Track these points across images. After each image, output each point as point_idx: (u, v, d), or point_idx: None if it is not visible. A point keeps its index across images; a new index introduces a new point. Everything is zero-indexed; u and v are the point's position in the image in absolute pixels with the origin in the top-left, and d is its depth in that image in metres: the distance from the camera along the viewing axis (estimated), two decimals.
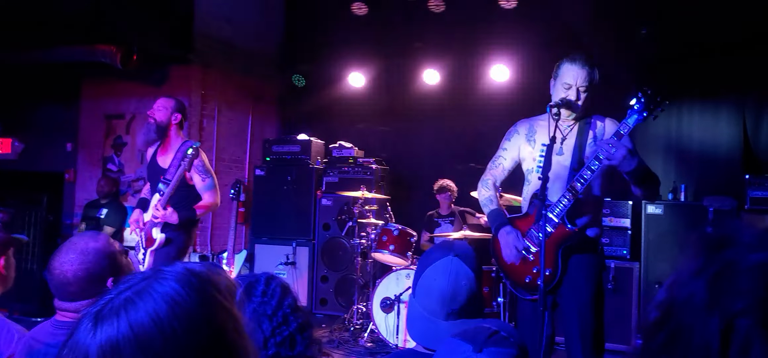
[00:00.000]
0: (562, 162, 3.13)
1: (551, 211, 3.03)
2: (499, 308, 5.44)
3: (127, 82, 7.41)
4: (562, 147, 3.14)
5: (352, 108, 7.86)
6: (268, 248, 7.20)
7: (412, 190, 7.48)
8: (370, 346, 5.62)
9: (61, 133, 7.79)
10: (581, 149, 3.11)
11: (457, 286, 1.85)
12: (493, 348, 1.38)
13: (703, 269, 0.63)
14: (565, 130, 3.15)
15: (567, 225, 3.03)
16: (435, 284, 1.88)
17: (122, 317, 0.83)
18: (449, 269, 1.87)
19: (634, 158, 2.84)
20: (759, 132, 6.14)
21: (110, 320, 0.83)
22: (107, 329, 0.82)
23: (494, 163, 3.40)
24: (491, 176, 3.37)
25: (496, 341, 1.40)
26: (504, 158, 3.36)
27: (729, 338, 0.58)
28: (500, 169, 3.37)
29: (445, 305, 1.84)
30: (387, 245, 5.71)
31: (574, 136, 3.15)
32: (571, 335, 3.10)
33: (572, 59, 3.10)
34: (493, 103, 6.91)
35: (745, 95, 6.20)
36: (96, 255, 2.08)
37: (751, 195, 5.61)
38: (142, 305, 0.83)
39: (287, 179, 7.27)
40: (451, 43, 7.25)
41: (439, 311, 1.86)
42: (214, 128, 7.47)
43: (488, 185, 3.36)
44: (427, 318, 1.89)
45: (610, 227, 5.87)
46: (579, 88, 3.06)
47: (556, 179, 3.08)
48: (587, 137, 3.14)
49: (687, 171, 6.35)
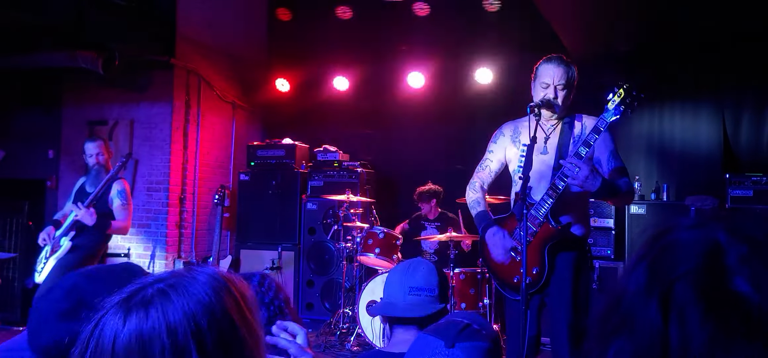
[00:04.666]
0: (546, 161, 3.16)
1: (536, 210, 3.06)
2: (486, 309, 5.45)
3: (109, 88, 7.34)
4: (546, 146, 3.18)
5: (337, 112, 7.86)
6: (253, 254, 7.17)
7: (397, 193, 7.49)
8: (357, 350, 5.60)
9: (42, 139, 7.69)
10: (564, 148, 3.15)
11: (415, 267, 2.10)
12: (465, 343, 1.39)
13: (645, 256, 0.66)
14: (548, 130, 3.20)
15: (551, 223, 3.06)
16: (396, 268, 2.16)
17: (157, 307, 0.84)
18: (409, 260, 2.20)
19: (596, 179, 2.87)
20: (738, 132, 6.23)
21: (142, 309, 0.84)
22: (137, 319, 0.83)
23: (481, 167, 3.45)
24: (478, 179, 3.43)
25: (469, 335, 1.41)
26: (490, 161, 3.42)
27: (668, 310, 0.60)
28: (487, 172, 3.42)
29: (403, 282, 2.06)
30: (372, 248, 5.71)
31: (557, 136, 3.19)
32: (557, 335, 3.12)
33: (548, 59, 3.18)
34: (478, 105, 6.94)
35: (724, 96, 6.29)
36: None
37: (731, 194, 5.69)
38: (177, 300, 0.85)
39: (272, 184, 7.25)
40: (436, 46, 7.28)
41: (399, 290, 2.07)
42: (197, 133, 7.42)
43: (476, 187, 3.41)
44: (386, 301, 2.10)
45: (594, 228, 5.91)
46: (557, 86, 3.12)
47: (541, 178, 3.12)
48: (570, 136, 3.18)
49: (669, 171, 6.42)
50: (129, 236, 7.21)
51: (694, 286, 0.60)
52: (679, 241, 0.65)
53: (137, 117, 7.29)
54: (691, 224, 0.66)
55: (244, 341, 0.89)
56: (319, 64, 7.78)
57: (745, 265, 0.60)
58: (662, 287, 0.62)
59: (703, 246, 0.62)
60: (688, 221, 0.67)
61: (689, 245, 0.64)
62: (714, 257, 0.61)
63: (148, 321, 0.83)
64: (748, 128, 6.20)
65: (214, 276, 0.91)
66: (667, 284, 0.61)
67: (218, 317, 0.86)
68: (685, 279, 0.61)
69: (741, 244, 0.61)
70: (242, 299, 0.92)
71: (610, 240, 5.92)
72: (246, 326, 0.90)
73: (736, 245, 0.61)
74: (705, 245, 0.63)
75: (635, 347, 0.62)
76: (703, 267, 0.61)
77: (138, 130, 7.29)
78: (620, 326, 0.65)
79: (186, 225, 7.33)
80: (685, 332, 0.59)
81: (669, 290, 0.61)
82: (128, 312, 0.84)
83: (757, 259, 0.60)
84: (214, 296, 0.87)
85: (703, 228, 0.65)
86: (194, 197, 7.42)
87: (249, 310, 0.92)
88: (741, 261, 0.60)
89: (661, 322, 0.60)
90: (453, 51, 7.21)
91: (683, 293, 0.60)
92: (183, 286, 0.87)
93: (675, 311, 0.60)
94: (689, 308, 0.59)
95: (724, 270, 0.60)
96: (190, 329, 0.83)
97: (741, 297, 0.58)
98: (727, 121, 6.20)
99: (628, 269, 0.68)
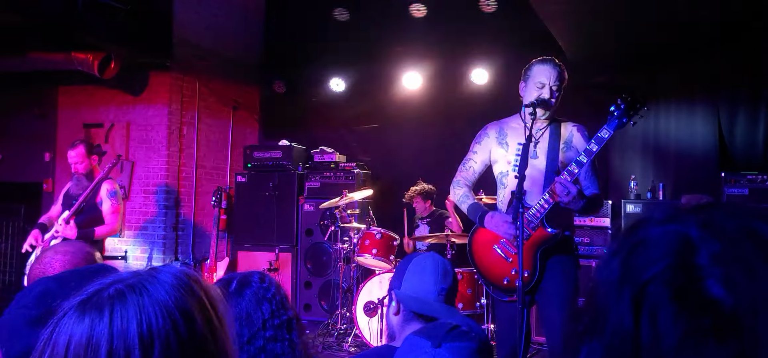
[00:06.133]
0: (536, 165, 3.18)
1: (531, 216, 3.08)
2: (483, 309, 5.46)
3: (105, 90, 7.34)
4: (536, 150, 3.21)
5: (334, 113, 7.86)
6: (250, 255, 7.17)
7: (394, 194, 7.48)
8: (355, 350, 5.60)
9: (38, 142, 7.69)
10: (554, 152, 3.18)
11: (446, 265, 2.03)
12: (452, 343, 1.40)
13: (619, 250, 0.65)
14: (537, 134, 3.20)
15: (546, 227, 3.08)
16: (426, 264, 2.03)
17: (111, 309, 0.82)
18: (433, 256, 2.07)
19: (579, 202, 2.96)
20: (733, 130, 6.24)
21: (96, 311, 0.82)
22: (90, 321, 0.81)
23: (464, 166, 3.48)
24: (462, 178, 3.46)
25: (456, 336, 1.42)
26: (474, 161, 3.44)
27: (639, 310, 0.60)
28: (470, 171, 3.45)
29: (438, 281, 1.98)
30: (370, 249, 5.71)
31: (547, 140, 3.22)
32: (553, 335, 3.14)
33: (543, 60, 3.21)
34: (474, 106, 6.94)
35: (719, 95, 6.30)
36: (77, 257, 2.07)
37: (727, 192, 5.70)
38: (133, 301, 0.83)
39: (269, 186, 7.24)
40: (432, 47, 7.28)
41: (432, 288, 1.98)
42: (194, 136, 7.42)
43: (460, 184, 3.44)
44: (417, 298, 2.00)
45: (590, 227, 5.92)
46: (552, 86, 3.15)
47: (533, 182, 3.15)
48: (560, 140, 3.21)
49: (664, 170, 6.44)
50: (126, 239, 7.21)
51: (666, 286, 0.59)
52: (650, 238, 0.63)
53: (134, 119, 7.29)
54: (663, 218, 0.65)
55: (205, 340, 0.87)
56: (316, 66, 7.78)
57: (718, 264, 0.58)
58: (634, 288, 0.61)
59: (675, 244, 0.61)
60: (661, 215, 0.66)
61: (661, 242, 0.62)
62: (686, 255, 0.60)
63: (100, 324, 0.81)
64: (743, 127, 6.21)
65: (177, 275, 0.89)
66: (639, 284, 0.61)
67: (176, 317, 0.84)
68: (656, 280, 0.60)
69: (714, 240, 0.60)
70: (207, 298, 0.90)
71: (606, 239, 5.92)
72: (209, 326, 0.88)
73: (709, 241, 0.60)
74: (677, 242, 0.61)
75: (606, 346, 0.61)
76: (674, 266, 0.60)
77: (134, 133, 7.28)
78: (592, 325, 0.64)
79: (183, 227, 7.32)
80: (656, 332, 0.58)
81: (641, 290, 0.60)
82: (83, 314, 0.82)
83: (730, 256, 0.59)
84: (174, 295, 0.86)
85: (675, 223, 0.63)
86: (191, 199, 7.41)
87: (213, 309, 0.90)
88: (713, 260, 0.59)
89: (632, 322, 0.60)
90: (449, 52, 7.21)
91: (655, 293, 0.59)
92: (142, 286, 0.85)
93: (646, 311, 0.59)
94: (661, 309, 0.59)
95: (695, 270, 0.59)
96: (141, 331, 0.81)
97: (712, 299, 0.57)
98: (722, 120, 6.21)
99: (600, 266, 0.67)
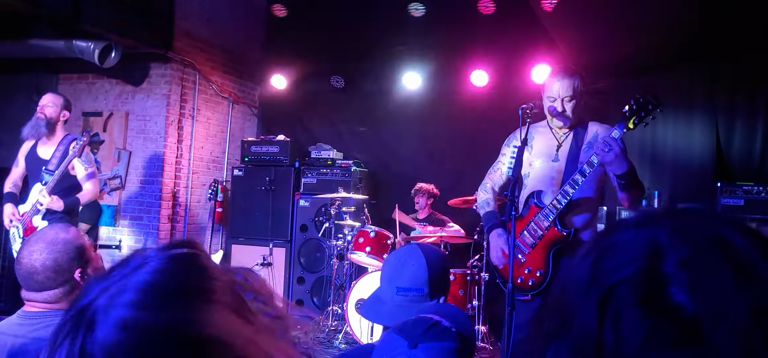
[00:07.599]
0: (557, 168, 3.26)
1: (544, 214, 3.15)
2: (474, 311, 5.46)
3: (105, 79, 7.34)
4: (557, 154, 3.28)
5: (332, 110, 7.86)
6: (244, 249, 7.17)
7: (390, 192, 7.48)
8: (345, 347, 5.61)
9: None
10: (575, 154, 3.24)
11: (404, 263, 1.91)
12: (428, 343, 1.33)
13: (590, 252, 0.66)
14: (560, 138, 3.31)
15: (558, 228, 3.11)
16: (388, 260, 1.99)
17: None
18: (401, 251, 1.98)
19: (624, 162, 2.95)
20: (731, 140, 6.22)
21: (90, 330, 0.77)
22: None
23: (493, 169, 3.57)
24: (490, 181, 3.54)
25: (434, 335, 1.35)
26: (502, 164, 3.52)
27: (604, 311, 0.61)
28: (498, 174, 3.53)
29: (391, 280, 1.91)
30: (363, 247, 5.71)
31: (569, 143, 3.29)
32: None
33: (554, 74, 3.28)
34: (473, 107, 6.94)
35: (717, 104, 6.29)
36: (65, 246, 2.07)
37: (722, 202, 5.69)
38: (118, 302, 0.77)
39: (265, 180, 7.25)
40: (432, 47, 7.28)
41: (386, 287, 1.92)
42: (192, 127, 7.42)
43: (486, 188, 3.52)
44: (375, 296, 1.96)
45: None
46: (563, 98, 3.21)
47: (552, 183, 3.23)
48: (582, 143, 3.28)
49: (661, 178, 6.43)
50: (121, 228, 7.21)
51: (632, 291, 0.60)
52: (621, 241, 0.64)
53: (132, 109, 7.29)
54: (635, 222, 0.66)
55: None
56: (316, 62, 7.77)
57: (683, 270, 0.59)
58: (601, 290, 0.62)
59: (644, 248, 0.62)
60: (633, 219, 0.66)
61: (630, 247, 0.63)
62: (653, 261, 0.61)
63: None
64: (741, 137, 6.19)
65: None
66: (606, 287, 0.61)
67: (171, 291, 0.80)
68: (623, 284, 0.61)
69: (682, 246, 0.61)
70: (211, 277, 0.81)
71: None
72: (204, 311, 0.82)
73: (677, 247, 0.61)
74: (646, 246, 0.62)
75: (572, 346, 0.62)
76: (641, 271, 0.61)
77: (133, 123, 7.28)
78: (559, 324, 0.65)
79: (178, 219, 7.32)
80: (618, 336, 0.59)
81: (607, 293, 0.61)
82: None
83: (697, 264, 0.59)
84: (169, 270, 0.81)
85: (646, 227, 0.64)
86: (187, 191, 7.42)
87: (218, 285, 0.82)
88: (680, 266, 0.59)
89: (597, 324, 0.60)
90: (448, 52, 7.21)
91: (620, 297, 0.60)
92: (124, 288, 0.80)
93: (611, 314, 0.60)
94: (625, 312, 0.59)
95: (661, 276, 0.59)
96: None
97: (676, 306, 0.58)
98: (720, 130, 6.20)
99: (572, 267, 0.67)
